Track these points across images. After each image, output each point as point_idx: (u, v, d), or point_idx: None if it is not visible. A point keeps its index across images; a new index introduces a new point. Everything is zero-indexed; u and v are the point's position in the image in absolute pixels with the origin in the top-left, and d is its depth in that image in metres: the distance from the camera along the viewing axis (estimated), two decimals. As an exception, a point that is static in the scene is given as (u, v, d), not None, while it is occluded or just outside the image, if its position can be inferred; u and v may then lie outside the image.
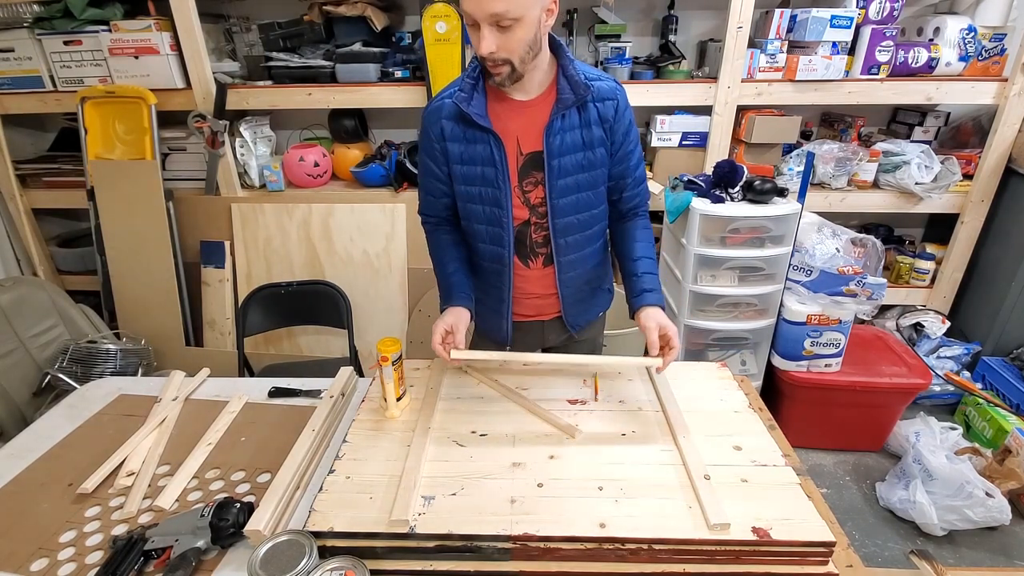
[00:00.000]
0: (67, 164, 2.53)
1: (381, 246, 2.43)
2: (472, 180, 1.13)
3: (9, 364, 1.86)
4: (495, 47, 0.94)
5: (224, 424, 1.24)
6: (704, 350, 2.24)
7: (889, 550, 1.80)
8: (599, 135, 1.10)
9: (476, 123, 1.05)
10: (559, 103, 1.06)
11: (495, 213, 1.14)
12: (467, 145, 1.10)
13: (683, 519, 0.88)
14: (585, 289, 1.30)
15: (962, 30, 2.15)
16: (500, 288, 1.24)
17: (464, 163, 1.11)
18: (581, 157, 1.11)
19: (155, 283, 2.37)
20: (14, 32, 2.26)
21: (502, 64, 0.98)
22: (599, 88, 1.08)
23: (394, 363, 1.10)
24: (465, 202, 1.17)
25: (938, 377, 2.33)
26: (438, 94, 1.13)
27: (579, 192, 1.14)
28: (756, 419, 1.13)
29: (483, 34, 0.93)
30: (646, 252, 1.21)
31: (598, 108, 1.08)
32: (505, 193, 1.11)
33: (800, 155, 2.39)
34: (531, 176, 1.12)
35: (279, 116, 2.68)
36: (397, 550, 0.88)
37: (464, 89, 1.05)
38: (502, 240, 1.17)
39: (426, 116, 1.13)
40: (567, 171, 1.10)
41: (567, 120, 1.07)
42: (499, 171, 1.09)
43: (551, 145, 1.08)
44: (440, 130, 1.10)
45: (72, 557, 0.92)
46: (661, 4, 2.43)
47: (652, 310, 1.13)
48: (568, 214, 1.15)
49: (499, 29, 0.93)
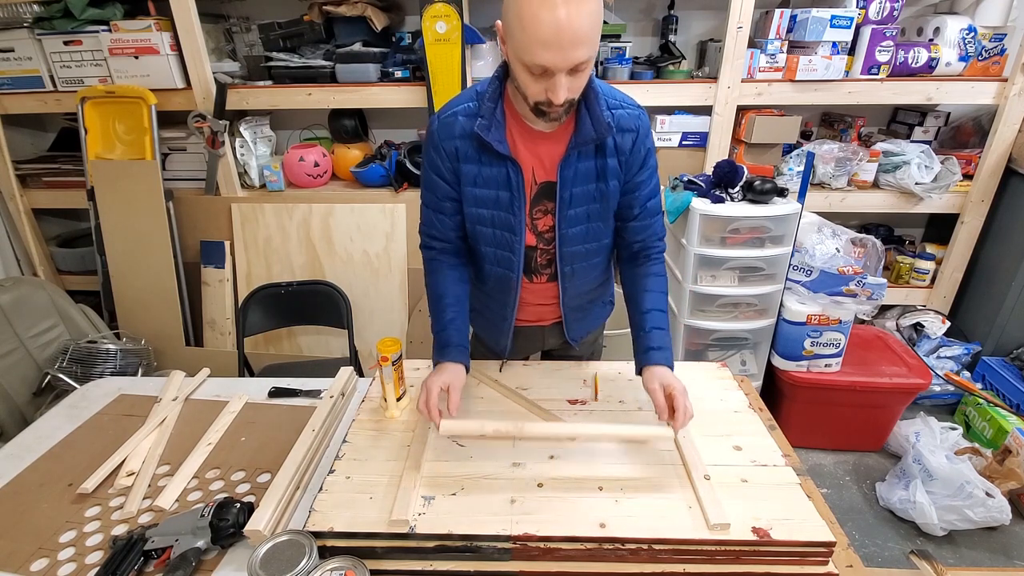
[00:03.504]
0: (67, 164, 2.53)
1: (381, 246, 2.43)
2: (484, 203, 1.07)
3: (9, 364, 1.86)
4: (568, 93, 0.89)
5: (224, 424, 1.24)
6: (704, 350, 2.24)
7: (889, 550, 1.80)
8: (613, 166, 1.04)
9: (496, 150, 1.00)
10: (578, 137, 1.00)
11: (506, 237, 1.09)
12: (481, 167, 1.04)
13: (683, 519, 0.88)
14: (587, 305, 1.28)
15: (962, 30, 2.15)
16: (504, 306, 1.20)
17: (478, 185, 1.05)
18: (593, 188, 1.06)
19: (155, 283, 2.37)
20: (14, 32, 2.26)
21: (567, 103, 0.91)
22: (620, 118, 1.02)
23: (394, 363, 1.10)
24: (474, 224, 1.10)
25: (938, 377, 2.33)
26: (447, 107, 1.06)
27: (589, 222, 1.09)
28: (756, 419, 1.13)
29: (559, 82, 0.86)
30: (656, 304, 1.12)
31: (616, 139, 1.03)
32: (520, 219, 1.06)
33: (800, 155, 2.39)
34: (541, 204, 1.08)
35: (279, 116, 2.68)
36: (397, 550, 0.88)
37: (484, 116, 0.98)
38: (511, 264, 1.12)
39: (436, 132, 1.04)
40: (578, 201, 1.06)
41: (583, 152, 1.03)
42: (515, 196, 1.04)
43: (565, 177, 1.03)
44: (454, 149, 1.03)
45: (72, 557, 0.92)
46: (661, 4, 2.43)
47: (657, 370, 1.04)
48: (576, 243, 1.11)
49: (572, 73, 0.87)
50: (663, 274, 1.15)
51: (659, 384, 1.01)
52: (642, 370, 1.07)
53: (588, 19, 0.82)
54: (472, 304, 1.24)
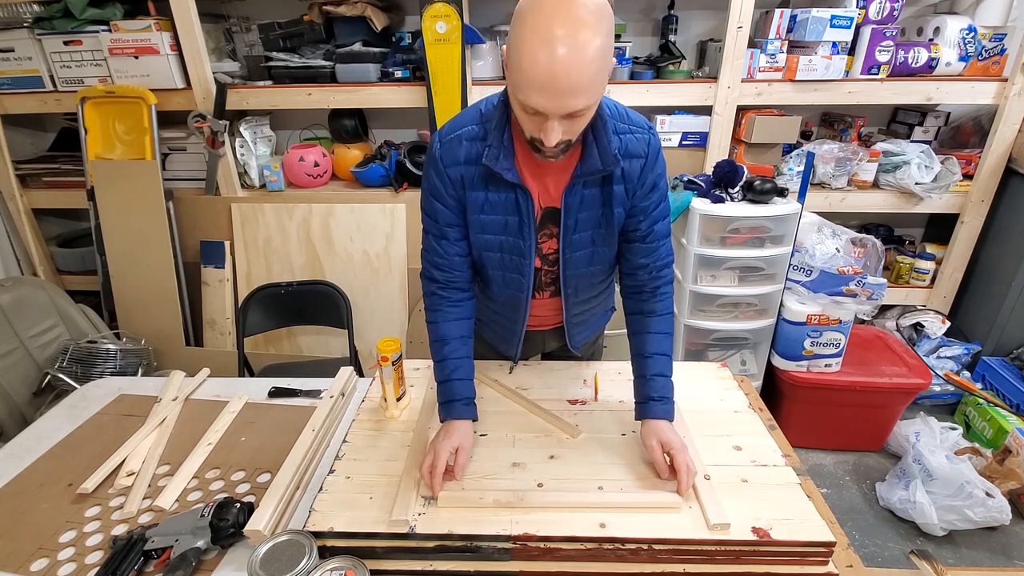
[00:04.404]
0: (67, 164, 2.53)
1: (381, 246, 2.43)
2: (492, 229, 1.03)
3: (9, 364, 1.86)
4: (562, 136, 0.84)
5: (224, 424, 1.24)
6: (704, 350, 2.24)
7: (889, 550, 1.80)
8: (619, 193, 1.00)
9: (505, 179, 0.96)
10: (584, 167, 0.96)
11: (515, 261, 1.06)
12: (488, 193, 1.00)
13: (683, 519, 0.88)
14: (589, 314, 1.27)
15: (962, 30, 2.15)
16: (513, 321, 1.18)
17: (485, 212, 1.01)
18: (599, 215, 1.02)
19: (155, 283, 2.37)
20: (14, 32, 2.26)
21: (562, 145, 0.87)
22: (628, 143, 0.97)
23: (394, 363, 1.10)
24: (481, 250, 1.06)
25: (938, 377, 2.33)
26: (450, 128, 1.00)
27: (594, 247, 1.06)
28: (756, 419, 1.13)
29: (551, 127, 0.81)
30: (660, 348, 1.06)
31: (623, 167, 0.98)
32: (529, 244, 1.03)
33: (800, 155, 2.39)
34: (546, 228, 1.05)
35: (279, 116, 2.68)
36: (397, 550, 0.88)
37: (493, 145, 0.94)
38: (521, 285, 1.09)
39: (440, 157, 0.99)
40: (583, 227, 1.04)
41: (589, 180, 1.00)
42: (524, 221, 1.00)
43: (570, 204, 1.00)
44: (459, 176, 0.99)
45: (72, 557, 0.92)
46: (661, 4, 2.42)
47: (656, 424, 1.00)
48: (580, 267, 1.09)
49: (567, 118, 0.82)
50: (670, 311, 1.10)
51: (656, 441, 0.98)
52: (641, 420, 1.03)
53: (591, 67, 0.76)
54: (480, 317, 1.22)
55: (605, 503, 0.91)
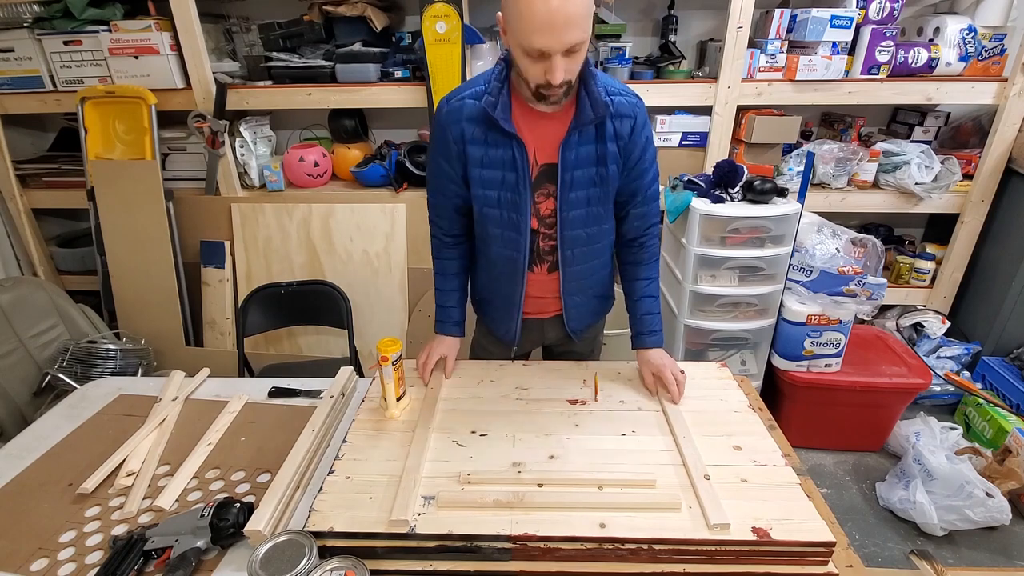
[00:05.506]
0: (67, 164, 2.53)
1: (381, 246, 2.43)
2: (491, 184, 1.11)
3: (9, 364, 1.86)
4: (564, 75, 0.94)
5: (224, 424, 1.24)
6: (704, 350, 2.24)
7: (889, 550, 1.80)
8: (613, 151, 1.09)
9: (500, 127, 1.04)
10: (578, 118, 1.05)
11: (513, 218, 1.13)
12: (488, 148, 1.08)
13: (683, 519, 0.88)
14: (588, 298, 1.30)
15: (962, 30, 2.15)
16: (512, 292, 1.24)
17: (484, 167, 1.10)
18: (593, 172, 1.10)
19: (155, 283, 2.37)
20: (14, 32, 2.25)
21: (565, 85, 0.97)
22: (618, 104, 1.07)
23: (394, 363, 1.10)
24: (482, 206, 1.15)
25: (938, 377, 2.33)
26: (454, 93, 1.10)
27: (589, 206, 1.13)
28: (756, 419, 1.13)
29: (556, 64, 0.92)
30: (648, 291, 1.26)
31: (615, 125, 1.07)
32: (525, 199, 1.10)
33: (800, 155, 2.39)
34: (543, 187, 1.12)
35: (279, 116, 2.68)
36: (397, 550, 0.88)
37: (492, 93, 1.04)
38: (518, 245, 1.16)
39: (444, 116, 1.09)
40: (579, 185, 1.10)
41: (584, 135, 1.07)
42: (520, 176, 1.08)
43: (566, 159, 1.07)
44: (460, 132, 1.08)
45: (72, 557, 0.92)
46: (661, 4, 2.43)
47: (647, 353, 1.23)
48: (576, 227, 1.15)
49: (567, 55, 0.93)
50: (656, 257, 1.27)
51: (647, 369, 1.21)
52: (636, 352, 1.25)
53: (579, 4, 0.89)
54: (481, 294, 1.34)
55: (605, 503, 0.91)
